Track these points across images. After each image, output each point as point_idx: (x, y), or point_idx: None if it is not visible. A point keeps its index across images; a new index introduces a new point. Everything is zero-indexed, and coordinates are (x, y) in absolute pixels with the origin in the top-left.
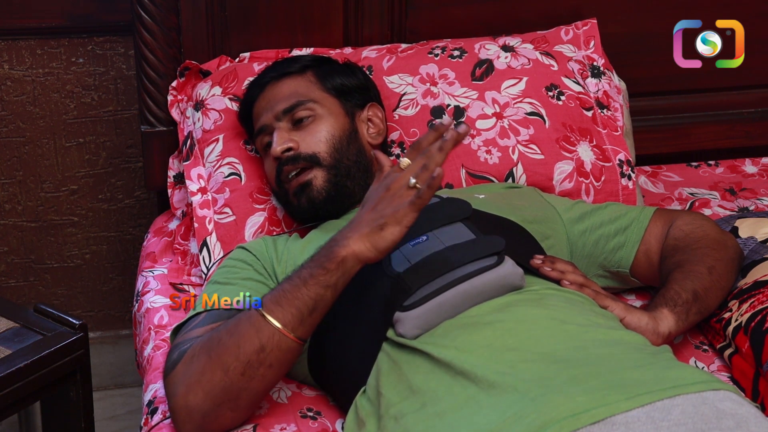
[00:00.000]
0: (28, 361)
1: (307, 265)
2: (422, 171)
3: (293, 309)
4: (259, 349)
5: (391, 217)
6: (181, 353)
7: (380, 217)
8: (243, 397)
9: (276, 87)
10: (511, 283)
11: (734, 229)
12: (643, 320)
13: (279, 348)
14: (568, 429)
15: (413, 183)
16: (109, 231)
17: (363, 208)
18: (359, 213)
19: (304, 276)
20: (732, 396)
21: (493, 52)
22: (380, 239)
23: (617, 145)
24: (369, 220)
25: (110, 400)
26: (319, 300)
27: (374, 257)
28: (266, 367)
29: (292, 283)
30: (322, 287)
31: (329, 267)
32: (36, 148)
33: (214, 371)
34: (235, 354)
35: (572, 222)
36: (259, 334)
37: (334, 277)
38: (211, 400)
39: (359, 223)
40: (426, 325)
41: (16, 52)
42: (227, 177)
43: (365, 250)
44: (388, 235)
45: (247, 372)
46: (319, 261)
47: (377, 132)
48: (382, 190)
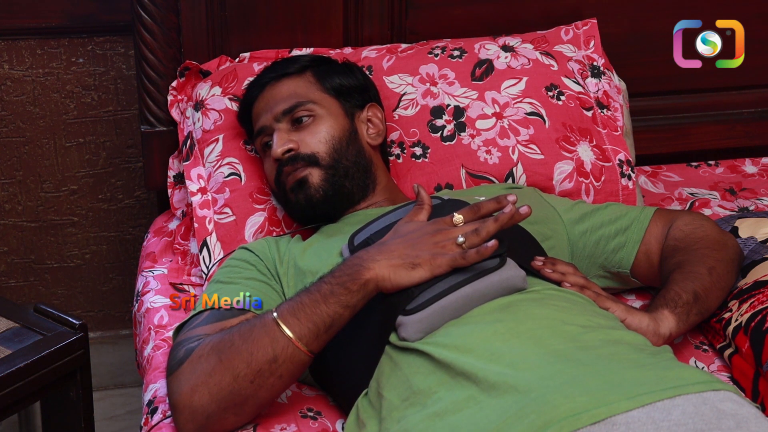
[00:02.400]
0: (28, 361)
1: (327, 280)
2: (473, 234)
3: (310, 324)
4: (272, 360)
5: (427, 262)
6: (188, 351)
7: (416, 257)
8: (249, 403)
9: (275, 88)
10: (513, 285)
11: (734, 229)
12: (644, 321)
13: (291, 360)
14: (569, 429)
15: (461, 241)
16: (109, 231)
17: (396, 240)
18: (391, 242)
19: (324, 292)
20: (732, 396)
21: (493, 52)
22: (406, 276)
23: (617, 145)
24: (403, 255)
25: (110, 400)
26: (336, 318)
27: (389, 289)
28: (276, 377)
29: (311, 296)
30: (341, 307)
31: (351, 288)
32: (36, 148)
33: (223, 374)
34: (247, 361)
35: (573, 222)
36: (274, 344)
37: (355, 298)
38: (217, 403)
39: (391, 252)
40: (429, 329)
41: (16, 52)
42: (227, 177)
43: (387, 279)
44: (415, 275)
45: (257, 380)
46: (342, 280)
47: (377, 132)
48: (428, 233)
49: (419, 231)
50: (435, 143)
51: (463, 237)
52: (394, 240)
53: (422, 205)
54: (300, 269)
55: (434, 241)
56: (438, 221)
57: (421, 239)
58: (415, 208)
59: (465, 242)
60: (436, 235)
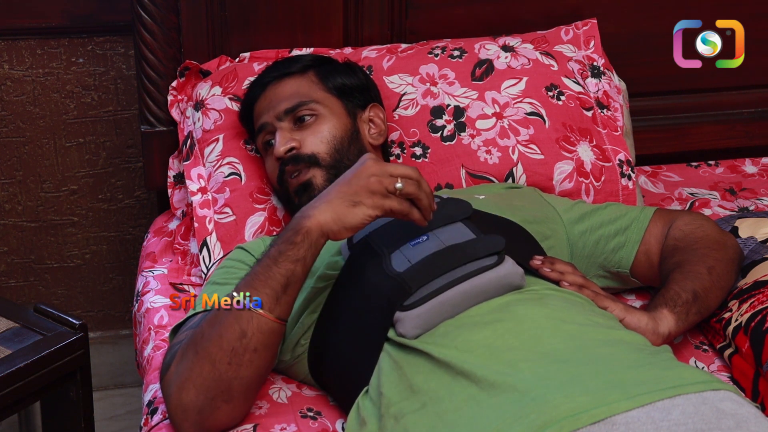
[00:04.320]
0: (28, 361)
1: (274, 242)
2: (413, 183)
3: (267, 289)
4: (240, 335)
5: (368, 199)
6: (173, 354)
7: (355, 194)
8: (235, 386)
9: (277, 87)
10: (511, 282)
11: (734, 229)
12: (643, 321)
13: (260, 331)
14: (569, 429)
15: (399, 186)
16: (109, 231)
17: (334, 187)
18: (328, 188)
19: (272, 254)
20: (732, 396)
21: (493, 52)
22: (349, 214)
23: (617, 145)
24: (341, 193)
25: (110, 400)
26: (290, 276)
27: (338, 232)
28: (251, 351)
29: (262, 264)
30: (291, 262)
31: (296, 240)
32: (36, 148)
33: (202, 365)
34: (218, 344)
35: (572, 222)
36: (239, 320)
37: (302, 250)
38: (204, 394)
39: (328, 194)
40: (426, 325)
41: (16, 52)
42: (227, 177)
43: (330, 221)
44: (359, 212)
45: (234, 360)
46: (287, 236)
47: (378, 132)
48: (365, 176)
49: (355, 175)
50: (435, 143)
51: (401, 183)
52: (330, 187)
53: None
54: None
55: (373, 181)
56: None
57: (359, 182)
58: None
59: (403, 188)
60: (375, 175)
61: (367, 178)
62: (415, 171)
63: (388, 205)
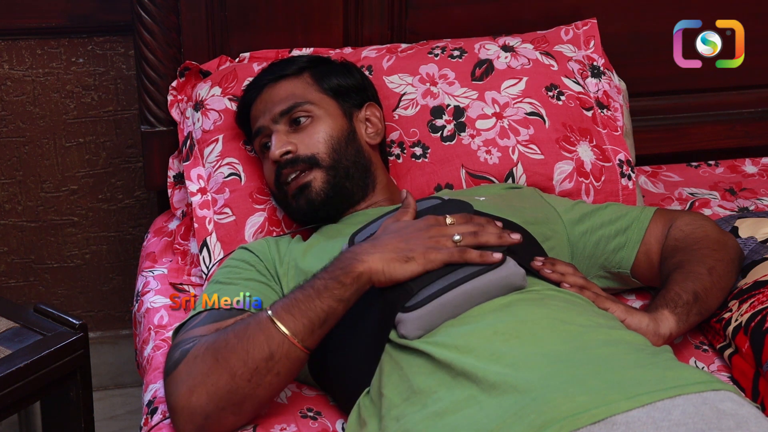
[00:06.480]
0: (28, 361)
1: (321, 275)
2: (471, 235)
3: (305, 320)
4: (268, 357)
5: (421, 256)
6: (183, 352)
7: (410, 250)
8: (247, 402)
9: (273, 89)
10: (512, 283)
11: (734, 229)
12: (644, 322)
13: (288, 357)
14: (569, 429)
15: (458, 239)
16: (109, 231)
17: (389, 235)
18: (384, 237)
19: (318, 287)
20: (732, 396)
21: (493, 52)
22: (399, 269)
23: (617, 145)
24: (397, 248)
25: (110, 400)
26: (330, 313)
27: (383, 283)
28: (274, 375)
29: (305, 292)
30: (335, 300)
31: (345, 281)
32: (36, 148)
33: (220, 374)
34: (244, 359)
35: (573, 223)
36: (269, 341)
37: (348, 291)
38: (215, 402)
39: (384, 245)
40: (428, 326)
41: (16, 52)
42: (227, 177)
43: (381, 272)
44: (408, 269)
45: (254, 378)
46: (335, 274)
47: (375, 132)
48: (421, 229)
49: (412, 227)
50: (435, 143)
51: (459, 235)
52: (387, 235)
53: (407, 208)
54: (301, 270)
55: (428, 236)
56: (429, 218)
57: (415, 234)
58: (400, 210)
59: (461, 240)
60: (430, 230)
61: (427, 239)
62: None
63: (439, 259)
